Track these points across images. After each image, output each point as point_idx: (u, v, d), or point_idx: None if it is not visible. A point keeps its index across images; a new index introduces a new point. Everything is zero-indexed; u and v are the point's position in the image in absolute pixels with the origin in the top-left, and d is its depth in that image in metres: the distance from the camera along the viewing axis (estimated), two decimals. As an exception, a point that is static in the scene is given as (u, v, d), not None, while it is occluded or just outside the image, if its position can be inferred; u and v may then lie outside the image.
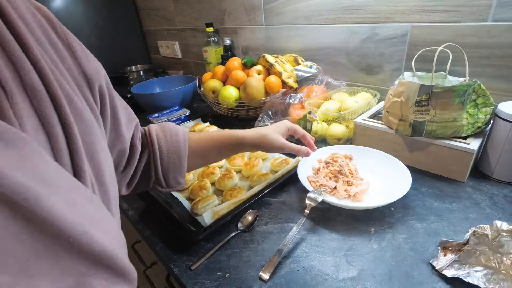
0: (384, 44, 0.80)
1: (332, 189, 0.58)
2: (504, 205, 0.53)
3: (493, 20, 0.61)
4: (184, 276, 0.45)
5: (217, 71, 1.02)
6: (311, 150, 0.60)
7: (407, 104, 0.60)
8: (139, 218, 0.58)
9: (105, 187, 0.28)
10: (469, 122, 0.57)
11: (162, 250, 0.51)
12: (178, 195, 0.63)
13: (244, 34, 1.19)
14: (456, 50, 0.62)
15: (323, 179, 0.60)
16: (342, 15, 0.85)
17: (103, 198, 0.27)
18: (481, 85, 0.56)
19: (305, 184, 0.57)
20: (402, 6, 0.73)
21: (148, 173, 0.46)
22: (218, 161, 0.59)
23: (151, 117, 1.00)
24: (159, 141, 0.46)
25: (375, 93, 0.80)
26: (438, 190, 0.58)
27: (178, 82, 1.25)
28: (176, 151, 0.47)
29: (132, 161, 0.43)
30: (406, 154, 0.65)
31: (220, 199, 0.61)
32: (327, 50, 0.94)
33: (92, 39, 1.63)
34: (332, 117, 0.75)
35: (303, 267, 0.45)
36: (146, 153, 0.45)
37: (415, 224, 0.51)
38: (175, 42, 1.60)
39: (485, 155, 0.61)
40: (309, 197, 0.53)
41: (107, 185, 0.28)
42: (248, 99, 0.91)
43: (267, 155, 0.74)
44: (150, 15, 1.68)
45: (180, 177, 0.50)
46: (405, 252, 0.46)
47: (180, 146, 0.48)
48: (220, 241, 0.50)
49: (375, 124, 0.68)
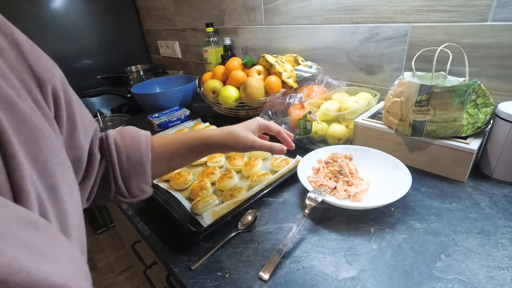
0: (384, 44, 0.80)
1: (332, 189, 0.58)
2: (504, 205, 0.53)
3: (493, 20, 0.61)
4: (184, 276, 0.45)
5: (217, 71, 1.02)
6: (289, 147, 0.55)
7: (407, 104, 0.60)
8: (139, 218, 0.58)
9: (61, 204, 0.24)
10: (469, 122, 0.57)
11: (162, 250, 0.51)
12: (178, 195, 0.63)
13: (244, 34, 1.19)
14: (456, 50, 0.61)
15: (323, 179, 0.60)
16: (342, 15, 0.85)
17: (59, 217, 0.24)
18: (481, 85, 0.56)
19: (305, 184, 0.57)
20: (402, 6, 0.73)
21: (107, 183, 0.42)
22: (184, 165, 0.54)
23: (151, 117, 1.00)
24: (117, 146, 0.42)
25: (375, 93, 0.80)
26: (438, 190, 0.58)
27: (178, 82, 1.25)
28: (137, 156, 0.43)
29: (91, 171, 0.39)
30: (406, 154, 0.65)
31: (220, 199, 0.61)
32: (327, 50, 0.94)
33: (92, 39, 1.63)
34: (332, 117, 0.75)
35: (303, 267, 0.45)
36: (104, 161, 0.41)
37: (415, 224, 0.51)
38: (175, 42, 1.60)
39: (485, 155, 0.61)
40: (309, 197, 0.53)
41: (63, 201, 0.24)
42: (248, 99, 0.91)
43: (267, 155, 0.74)
44: (150, 15, 1.68)
45: (145, 185, 0.45)
46: (405, 252, 0.46)
47: (141, 150, 0.43)
48: (220, 241, 0.50)
49: (375, 124, 0.68)
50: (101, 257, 1.77)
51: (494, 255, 0.44)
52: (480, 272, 0.41)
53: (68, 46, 1.56)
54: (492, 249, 0.45)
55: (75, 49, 1.59)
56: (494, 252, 0.44)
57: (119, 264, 1.72)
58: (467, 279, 0.41)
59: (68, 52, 1.57)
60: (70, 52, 1.57)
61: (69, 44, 1.56)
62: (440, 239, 0.47)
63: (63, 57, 1.56)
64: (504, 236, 0.47)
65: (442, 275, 0.41)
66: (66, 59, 1.57)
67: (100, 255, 1.79)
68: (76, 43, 1.58)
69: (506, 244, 0.45)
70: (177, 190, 0.66)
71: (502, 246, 0.45)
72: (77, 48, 1.59)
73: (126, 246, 1.61)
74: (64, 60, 1.56)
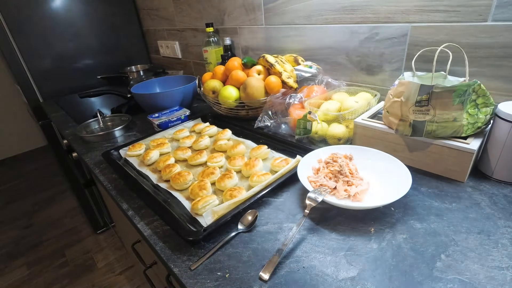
0: (384, 44, 0.80)
1: (332, 189, 0.58)
2: (504, 205, 0.53)
3: (493, 20, 0.61)
4: (184, 276, 0.45)
5: (217, 71, 1.02)
6: None
7: (407, 104, 0.60)
8: (139, 218, 0.58)
9: None
10: (469, 122, 0.57)
11: (162, 250, 0.51)
12: (178, 195, 0.63)
13: (244, 34, 1.19)
14: (456, 50, 0.62)
15: (323, 179, 0.60)
16: (342, 15, 0.85)
17: None
18: (481, 85, 0.56)
19: (305, 184, 0.57)
20: (402, 6, 0.73)
21: None
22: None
23: (151, 117, 1.00)
24: None
25: (375, 93, 0.80)
26: (438, 190, 0.58)
27: (178, 82, 1.25)
28: None
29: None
30: (406, 154, 0.65)
31: (220, 199, 0.61)
32: (327, 50, 0.94)
33: (92, 39, 1.63)
34: (332, 117, 0.75)
35: (303, 267, 0.45)
36: None
37: (415, 224, 0.51)
38: (175, 42, 1.60)
39: (485, 155, 0.61)
40: (309, 197, 0.53)
41: None
42: (248, 99, 0.91)
43: (267, 155, 0.74)
44: (150, 15, 1.68)
45: None
46: (405, 252, 0.46)
47: None
48: (220, 241, 0.50)
49: (375, 124, 0.68)
50: (101, 257, 1.77)
51: (494, 255, 0.44)
52: (480, 272, 0.41)
53: (68, 46, 1.56)
54: (492, 249, 0.45)
55: (75, 49, 1.59)
56: (494, 252, 0.44)
57: (119, 264, 1.72)
58: (467, 279, 0.41)
59: (68, 52, 1.57)
60: (70, 52, 1.58)
61: (69, 44, 1.56)
62: (440, 239, 0.47)
63: (63, 57, 1.56)
64: (504, 236, 0.47)
65: (442, 275, 0.41)
66: (66, 59, 1.57)
67: (100, 255, 1.79)
68: (76, 43, 1.59)
69: (506, 244, 0.45)
70: (177, 190, 0.66)
71: (502, 246, 0.45)
72: (77, 48, 1.60)
73: (126, 246, 1.61)
74: (64, 60, 1.57)
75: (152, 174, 0.73)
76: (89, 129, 1.06)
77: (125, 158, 0.81)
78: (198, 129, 0.93)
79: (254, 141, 0.82)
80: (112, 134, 0.98)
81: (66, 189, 2.45)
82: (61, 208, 2.24)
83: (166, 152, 0.82)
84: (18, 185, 2.61)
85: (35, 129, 3.06)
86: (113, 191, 0.68)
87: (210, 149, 0.83)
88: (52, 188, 2.51)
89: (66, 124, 1.17)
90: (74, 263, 1.74)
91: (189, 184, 0.66)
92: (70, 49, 1.57)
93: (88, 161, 0.84)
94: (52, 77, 1.54)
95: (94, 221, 1.91)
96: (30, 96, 1.51)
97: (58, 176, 2.66)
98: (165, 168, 0.70)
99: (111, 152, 0.83)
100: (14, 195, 2.47)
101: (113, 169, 0.76)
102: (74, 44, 1.58)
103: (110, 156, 0.81)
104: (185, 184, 0.66)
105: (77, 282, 1.62)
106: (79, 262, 1.75)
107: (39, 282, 1.63)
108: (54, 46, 1.52)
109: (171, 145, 0.86)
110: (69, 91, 1.61)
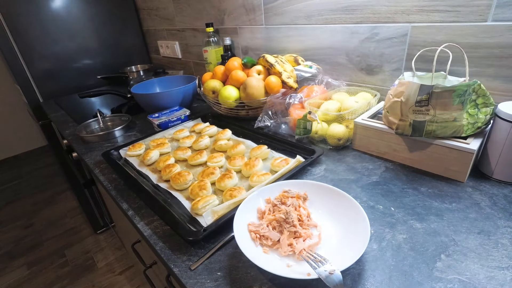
0: (384, 44, 0.80)
1: (275, 242, 0.47)
2: (504, 205, 0.53)
3: (493, 20, 0.61)
4: (184, 276, 0.45)
5: (217, 71, 1.02)
6: None
7: (407, 104, 0.60)
8: (139, 218, 0.58)
9: None
10: (469, 122, 0.57)
11: (162, 250, 0.51)
12: (178, 195, 0.63)
13: (244, 34, 1.19)
14: (456, 50, 0.62)
15: (266, 229, 0.48)
16: (342, 15, 0.85)
17: None
18: (481, 85, 0.56)
19: (240, 235, 0.46)
20: (402, 6, 0.73)
21: None
22: None
23: (151, 117, 1.00)
24: None
25: (375, 93, 0.80)
26: (438, 190, 0.58)
27: (178, 82, 1.25)
28: None
29: None
30: (406, 154, 0.65)
31: (220, 199, 0.61)
32: (327, 50, 0.94)
33: (92, 39, 1.63)
34: (332, 117, 0.75)
35: (303, 267, 0.45)
36: None
37: (415, 224, 0.51)
38: (175, 42, 1.60)
39: (485, 155, 0.61)
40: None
41: None
42: (248, 99, 0.91)
43: (267, 155, 0.74)
44: (150, 15, 1.68)
45: None
46: (405, 252, 0.46)
47: None
48: (220, 241, 0.50)
49: (375, 124, 0.68)
50: (101, 257, 1.77)
51: (494, 255, 0.44)
52: (480, 272, 0.41)
53: (68, 46, 1.56)
54: (492, 249, 0.45)
55: (75, 49, 1.59)
56: (494, 252, 0.44)
57: (119, 264, 1.72)
58: (467, 279, 0.41)
59: (68, 52, 1.57)
60: (70, 52, 1.57)
61: (69, 44, 1.56)
62: (440, 239, 0.47)
63: (63, 57, 1.56)
64: (504, 236, 0.47)
65: (442, 275, 0.41)
66: (66, 59, 1.57)
67: (100, 255, 1.79)
68: (76, 43, 1.59)
69: (506, 244, 0.45)
70: (177, 190, 0.66)
71: (502, 246, 0.45)
72: (77, 48, 1.60)
73: (126, 246, 1.61)
74: (64, 60, 1.57)
75: (152, 174, 0.73)
76: (89, 129, 1.06)
77: (125, 158, 0.81)
78: (198, 129, 0.93)
79: (254, 141, 0.82)
80: (112, 134, 0.98)
81: (66, 189, 2.45)
82: (61, 208, 2.24)
83: (166, 152, 0.82)
84: (18, 185, 2.61)
85: (35, 129, 3.06)
86: (113, 191, 0.68)
87: (210, 149, 0.83)
88: (52, 188, 2.51)
89: (66, 124, 1.17)
90: (74, 263, 1.74)
91: (189, 184, 0.66)
92: (70, 49, 1.57)
93: (88, 161, 0.84)
94: (52, 77, 1.54)
95: (94, 221, 1.91)
96: (30, 96, 1.51)
97: (58, 176, 2.66)
98: (165, 168, 0.70)
99: (111, 152, 0.83)
100: (14, 195, 2.47)
101: (113, 169, 0.76)
102: (74, 44, 1.58)
103: (110, 156, 0.81)
104: (185, 184, 0.66)
105: (77, 282, 1.62)
106: (79, 262, 1.75)
107: (39, 282, 1.63)
108: (54, 46, 1.52)
109: (171, 145, 0.86)
110: (69, 91, 1.61)
